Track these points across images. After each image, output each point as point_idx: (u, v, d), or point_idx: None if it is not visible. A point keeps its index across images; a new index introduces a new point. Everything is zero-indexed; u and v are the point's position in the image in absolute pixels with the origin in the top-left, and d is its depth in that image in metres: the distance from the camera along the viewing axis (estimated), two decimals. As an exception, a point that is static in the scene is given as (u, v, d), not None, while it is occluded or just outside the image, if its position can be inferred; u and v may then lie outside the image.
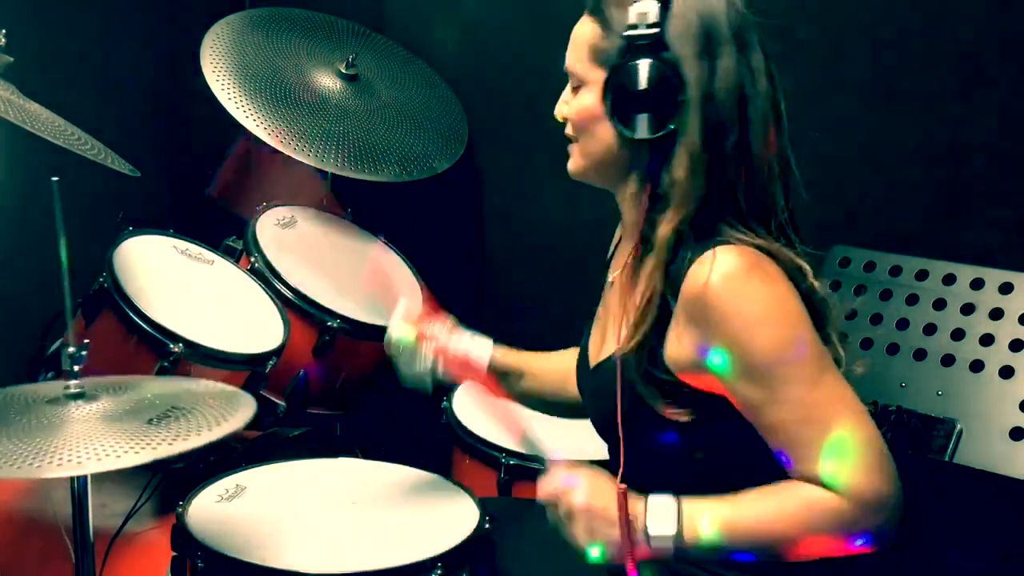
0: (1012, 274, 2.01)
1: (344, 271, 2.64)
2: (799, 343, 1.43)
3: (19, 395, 1.66)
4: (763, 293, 1.44)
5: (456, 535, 1.70)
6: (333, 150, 2.64)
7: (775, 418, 1.44)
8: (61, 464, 1.41)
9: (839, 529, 1.41)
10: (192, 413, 1.57)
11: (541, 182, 2.93)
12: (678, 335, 1.48)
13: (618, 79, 1.49)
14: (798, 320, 1.45)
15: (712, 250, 1.45)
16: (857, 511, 1.40)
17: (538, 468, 1.61)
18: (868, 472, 1.40)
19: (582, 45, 1.56)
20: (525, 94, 2.94)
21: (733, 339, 1.43)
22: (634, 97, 1.47)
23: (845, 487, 1.40)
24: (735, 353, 1.43)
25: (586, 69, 1.56)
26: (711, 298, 1.43)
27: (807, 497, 1.42)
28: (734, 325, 1.42)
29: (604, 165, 1.58)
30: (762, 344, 1.42)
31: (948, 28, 2.33)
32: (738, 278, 1.43)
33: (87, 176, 2.25)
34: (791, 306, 1.45)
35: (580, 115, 1.57)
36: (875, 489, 1.40)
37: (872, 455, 1.41)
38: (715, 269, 1.43)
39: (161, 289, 2.26)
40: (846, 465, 1.40)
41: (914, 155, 2.40)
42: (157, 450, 1.45)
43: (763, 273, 1.45)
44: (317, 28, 2.94)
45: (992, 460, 1.91)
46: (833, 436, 1.41)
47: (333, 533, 1.73)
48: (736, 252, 1.45)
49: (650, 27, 1.46)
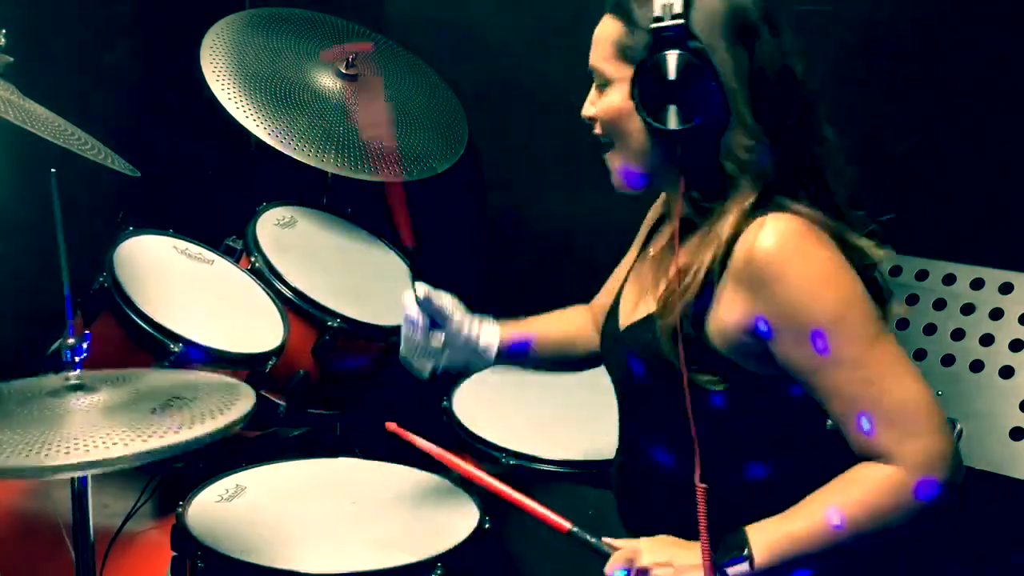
0: (1012, 274, 2.01)
1: (344, 271, 2.64)
2: (857, 303, 1.44)
3: (19, 388, 1.66)
4: (820, 254, 1.44)
5: (456, 535, 1.70)
6: (333, 150, 2.64)
7: (836, 380, 1.43)
8: (68, 452, 1.41)
9: (910, 499, 1.41)
10: (193, 403, 1.57)
11: (541, 182, 2.93)
12: (727, 301, 1.47)
13: (647, 72, 1.48)
14: (854, 281, 1.45)
15: (763, 217, 1.45)
16: (920, 477, 1.40)
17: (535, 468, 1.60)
18: (926, 436, 1.41)
19: (606, 44, 1.55)
20: (525, 94, 2.94)
21: (793, 300, 1.43)
22: (665, 89, 1.46)
23: (908, 457, 1.40)
24: (796, 313, 1.43)
25: (612, 68, 1.54)
26: (767, 260, 1.43)
27: (872, 480, 1.42)
28: (794, 284, 1.43)
29: (645, 164, 1.57)
30: (824, 302, 1.43)
31: (947, 28, 2.33)
32: (792, 240, 1.44)
33: (87, 176, 2.25)
34: (846, 270, 1.45)
35: (608, 113, 1.56)
36: (935, 452, 1.40)
37: (929, 417, 1.41)
38: (769, 233, 1.44)
39: (161, 289, 2.26)
40: (904, 433, 1.41)
41: (915, 155, 2.40)
42: (163, 439, 1.44)
43: (813, 238, 1.45)
44: (317, 28, 2.93)
45: (992, 460, 1.91)
46: (892, 400, 1.41)
47: (333, 533, 1.73)
48: (788, 219, 1.45)
49: (675, 17, 1.45)
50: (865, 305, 1.45)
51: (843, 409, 1.44)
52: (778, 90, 1.48)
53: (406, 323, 1.84)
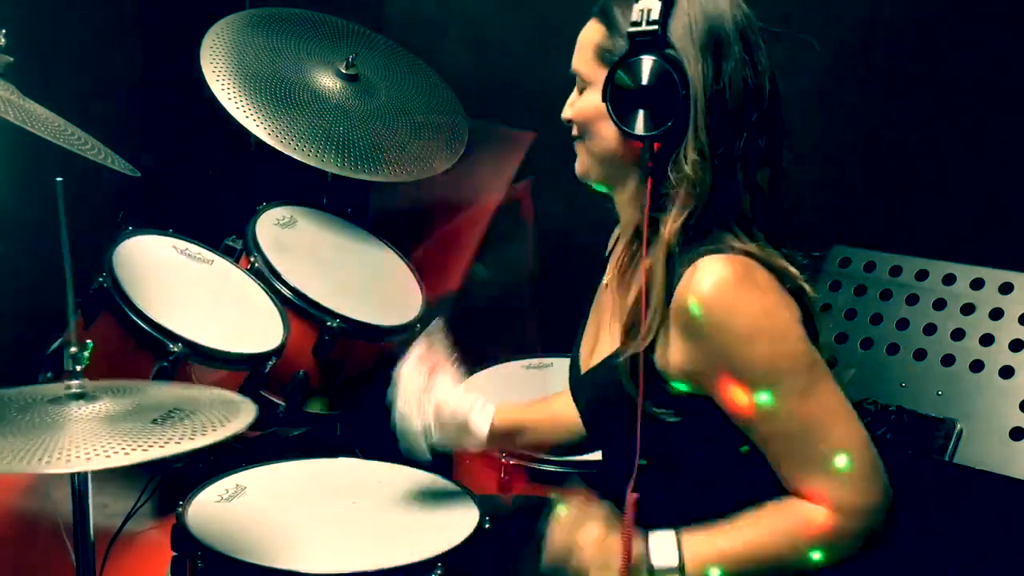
0: (1012, 274, 2.01)
1: (344, 271, 2.64)
2: (790, 356, 1.43)
3: (20, 395, 1.66)
4: (752, 303, 1.43)
5: (456, 535, 1.70)
6: (333, 150, 2.64)
7: (767, 430, 1.44)
8: (69, 461, 1.41)
9: (835, 542, 1.43)
10: (194, 415, 1.57)
11: (541, 182, 2.93)
12: (668, 342, 1.48)
13: (618, 76, 1.49)
14: (789, 330, 1.44)
15: (700, 260, 1.44)
16: (850, 523, 1.42)
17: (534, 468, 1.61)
18: (859, 484, 1.42)
19: (588, 47, 1.57)
20: (525, 94, 2.94)
21: (724, 351, 1.42)
22: (634, 94, 1.47)
23: (837, 502, 1.41)
24: (727, 365, 1.43)
25: (591, 69, 1.56)
26: (700, 311, 1.42)
27: (800, 516, 1.43)
28: (725, 337, 1.42)
29: (607, 164, 1.58)
30: (753, 358, 1.42)
31: (947, 29, 2.33)
32: (727, 290, 1.42)
33: (87, 176, 2.25)
34: (782, 317, 1.44)
35: (583, 114, 1.57)
36: (866, 500, 1.42)
37: (863, 466, 1.42)
38: (703, 280, 1.42)
39: (161, 289, 2.26)
40: (837, 480, 1.41)
41: (915, 155, 2.40)
42: (160, 450, 1.45)
43: (752, 283, 1.44)
44: (317, 28, 2.93)
45: (992, 460, 1.91)
46: (824, 449, 1.42)
47: (333, 533, 1.73)
48: (724, 262, 1.43)
49: (652, 23, 1.46)
50: (798, 355, 1.43)
51: (777, 457, 1.45)
52: (736, 110, 1.47)
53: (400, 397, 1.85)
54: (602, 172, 1.60)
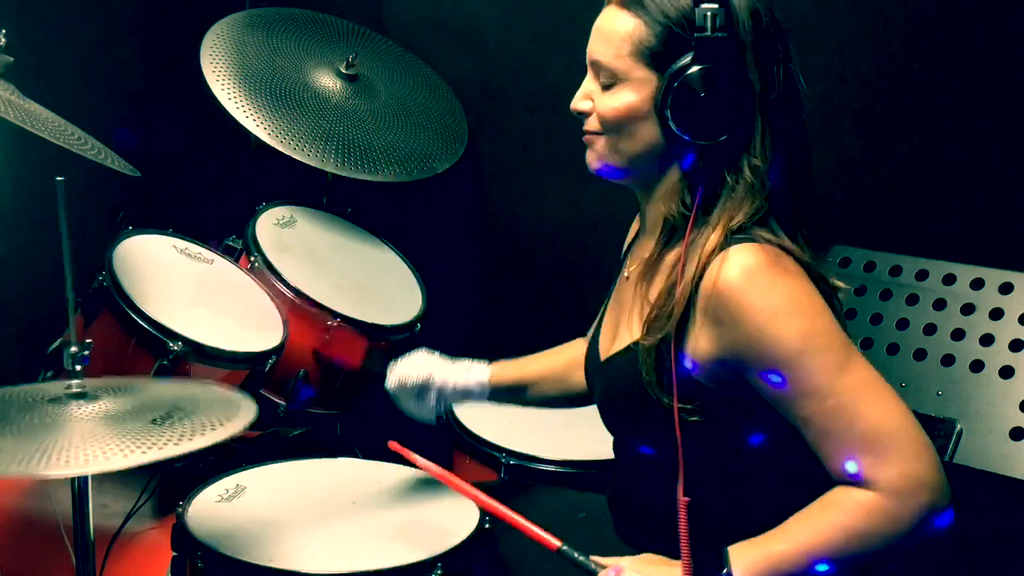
0: (1012, 274, 2.01)
1: (344, 271, 2.64)
2: (824, 332, 1.42)
3: (20, 394, 1.66)
4: (785, 285, 1.43)
5: (456, 535, 1.70)
6: (333, 150, 2.64)
7: (806, 410, 1.42)
8: (68, 463, 1.41)
9: (889, 525, 1.39)
10: (194, 415, 1.57)
11: (541, 182, 2.93)
12: (698, 331, 1.47)
13: (682, 84, 1.45)
14: (821, 310, 1.43)
15: (730, 248, 1.44)
16: (899, 503, 1.38)
17: (533, 467, 1.61)
18: (902, 461, 1.38)
19: (620, 40, 1.50)
20: (525, 94, 2.94)
21: (757, 333, 1.41)
22: (699, 102, 1.44)
23: (883, 483, 1.38)
24: (760, 346, 1.42)
25: (628, 66, 1.50)
26: (730, 294, 1.42)
27: (849, 504, 1.40)
28: (757, 318, 1.41)
29: (639, 164, 1.55)
30: (787, 335, 1.41)
31: (947, 28, 2.33)
32: (757, 273, 1.42)
33: (87, 176, 2.25)
34: (812, 298, 1.44)
35: (618, 113, 1.52)
36: (913, 476, 1.38)
37: (905, 441, 1.39)
38: (733, 265, 1.42)
39: (160, 288, 2.26)
40: (882, 457, 1.38)
41: (915, 155, 2.40)
42: (161, 451, 1.44)
43: (781, 269, 1.44)
44: (317, 28, 2.93)
45: (992, 460, 1.91)
46: (864, 426, 1.39)
47: (333, 533, 1.73)
48: (754, 250, 1.44)
49: (718, 30, 1.42)
50: (832, 332, 1.42)
51: (817, 438, 1.43)
52: (789, 112, 1.48)
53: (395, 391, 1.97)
54: (631, 170, 1.57)
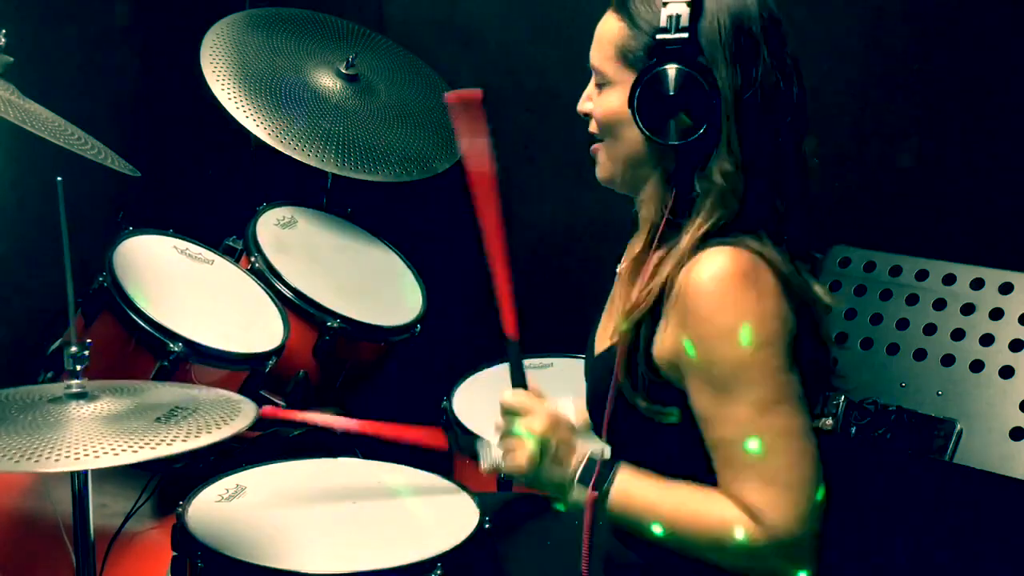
0: (1012, 274, 2.01)
1: (344, 271, 2.64)
2: (761, 366, 1.40)
3: (20, 395, 1.66)
4: (741, 303, 1.40)
5: (456, 535, 1.70)
6: (333, 150, 2.64)
7: (718, 433, 1.42)
8: (69, 458, 1.41)
9: (743, 554, 1.41)
10: (195, 415, 1.57)
11: (541, 182, 2.93)
12: (664, 328, 1.46)
13: (648, 84, 1.45)
14: (768, 342, 1.41)
15: (708, 249, 1.43)
16: (762, 543, 1.39)
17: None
18: (785, 517, 1.38)
19: (608, 44, 1.53)
20: (525, 94, 2.94)
21: (701, 341, 1.41)
22: (665, 102, 1.44)
23: (762, 521, 1.39)
24: (699, 357, 1.41)
25: (613, 69, 1.52)
26: (693, 296, 1.41)
27: (724, 510, 1.41)
28: (704, 328, 1.41)
29: (629, 167, 1.56)
30: (726, 357, 1.40)
31: (947, 28, 2.33)
32: (722, 280, 1.41)
33: (87, 176, 2.25)
34: (767, 327, 1.41)
35: (606, 115, 1.54)
36: (786, 535, 1.39)
37: (797, 498, 1.39)
38: (704, 269, 1.41)
39: (161, 289, 2.26)
40: (771, 502, 1.38)
41: (915, 155, 2.40)
42: (153, 451, 1.45)
43: (751, 283, 1.41)
44: (317, 28, 2.93)
45: (992, 460, 1.91)
46: (768, 466, 1.39)
47: (333, 533, 1.73)
48: (729, 254, 1.42)
49: (681, 30, 1.43)
50: (771, 368, 1.40)
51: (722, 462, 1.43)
52: (767, 115, 1.46)
53: None
54: (626, 176, 1.57)
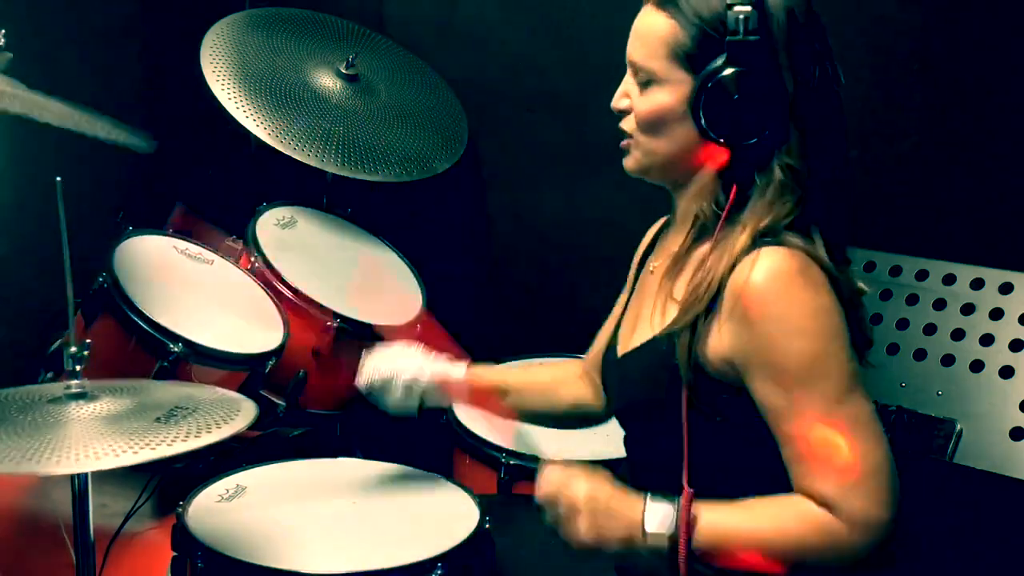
0: (1012, 274, 2.01)
1: (344, 271, 2.64)
2: (831, 358, 1.41)
3: (20, 395, 1.66)
4: (805, 301, 1.42)
5: (456, 535, 1.70)
6: (333, 150, 2.64)
7: (792, 429, 1.42)
8: (69, 460, 1.41)
9: (832, 549, 1.41)
10: (195, 415, 1.57)
11: (541, 182, 2.93)
12: (715, 327, 1.46)
13: (714, 86, 1.45)
14: (835, 334, 1.42)
15: (761, 250, 1.43)
16: (853, 535, 1.40)
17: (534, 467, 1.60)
18: (870, 501, 1.39)
19: (656, 41, 1.50)
20: (525, 94, 2.94)
21: (768, 341, 1.41)
22: (731, 104, 1.44)
23: (847, 512, 1.39)
24: (766, 355, 1.42)
25: (663, 67, 1.50)
26: (753, 297, 1.42)
27: (806, 514, 1.41)
28: (771, 328, 1.41)
29: (672, 163, 1.55)
30: (795, 352, 1.41)
31: (947, 28, 2.33)
32: (782, 280, 1.42)
33: (87, 176, 2.25)
34: (830, 320, 1.43)
35: (654, 112, 1.52)
36: (875, 518, 1.39)
37: (880, 484, 1.40)
38: (761, 268, 1.42)
39: (161, 289, 2.26)
40: (852, 490, 1.39)
41: (915, 155, 2.40)
42: (152, 452, 1.45)
43: (808, 280, 1.43)
44: (317, 28, 2.94)
45: (992, 460, 1.91)
46: (846, 458, 1.39)
47: (333, 533, 1.73)
48: (784, 254, 1.43)
49: (751, 33, 1.42)
50: (840, 359, 1.42)
51: (796, 456, 1.43)
52: (825, 111, 1.47)
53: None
54: (665, 170, 1.56)
